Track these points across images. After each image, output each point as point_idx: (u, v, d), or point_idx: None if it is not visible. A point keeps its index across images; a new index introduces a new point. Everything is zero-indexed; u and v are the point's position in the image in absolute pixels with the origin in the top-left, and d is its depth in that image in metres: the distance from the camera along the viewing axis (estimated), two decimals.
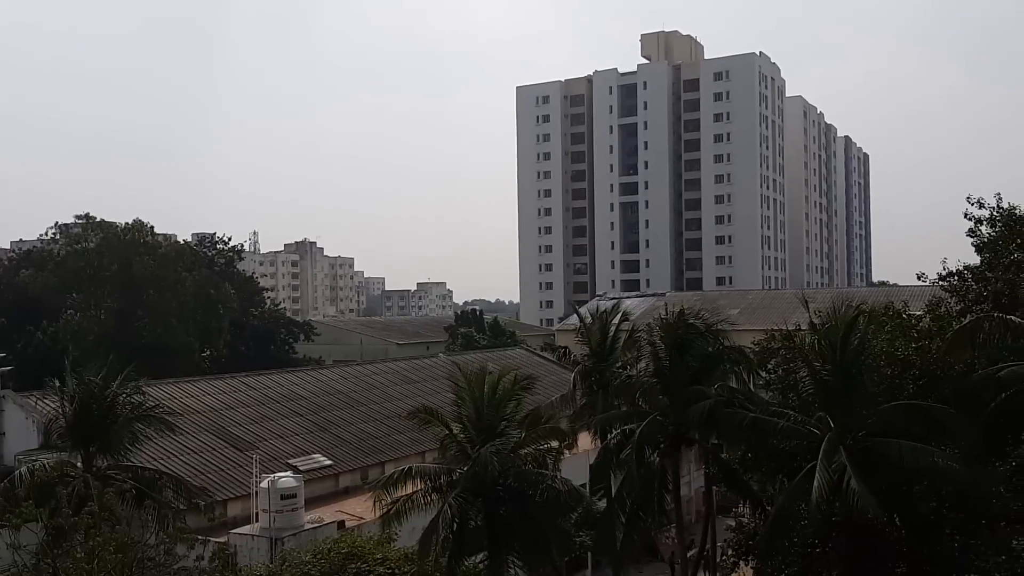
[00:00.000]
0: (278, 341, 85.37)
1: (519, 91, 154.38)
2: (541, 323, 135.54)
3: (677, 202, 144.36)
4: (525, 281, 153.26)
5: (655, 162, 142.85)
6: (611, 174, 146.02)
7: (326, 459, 35.62)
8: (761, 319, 64.77)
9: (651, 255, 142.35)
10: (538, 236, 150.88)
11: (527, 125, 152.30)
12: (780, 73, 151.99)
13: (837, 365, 22.47)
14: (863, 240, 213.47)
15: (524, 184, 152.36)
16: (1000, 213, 29.73)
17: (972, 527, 24.28)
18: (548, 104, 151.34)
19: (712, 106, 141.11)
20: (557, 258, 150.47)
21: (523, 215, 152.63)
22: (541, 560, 23.38)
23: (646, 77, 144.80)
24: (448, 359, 53.43)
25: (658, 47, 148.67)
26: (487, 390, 22.94)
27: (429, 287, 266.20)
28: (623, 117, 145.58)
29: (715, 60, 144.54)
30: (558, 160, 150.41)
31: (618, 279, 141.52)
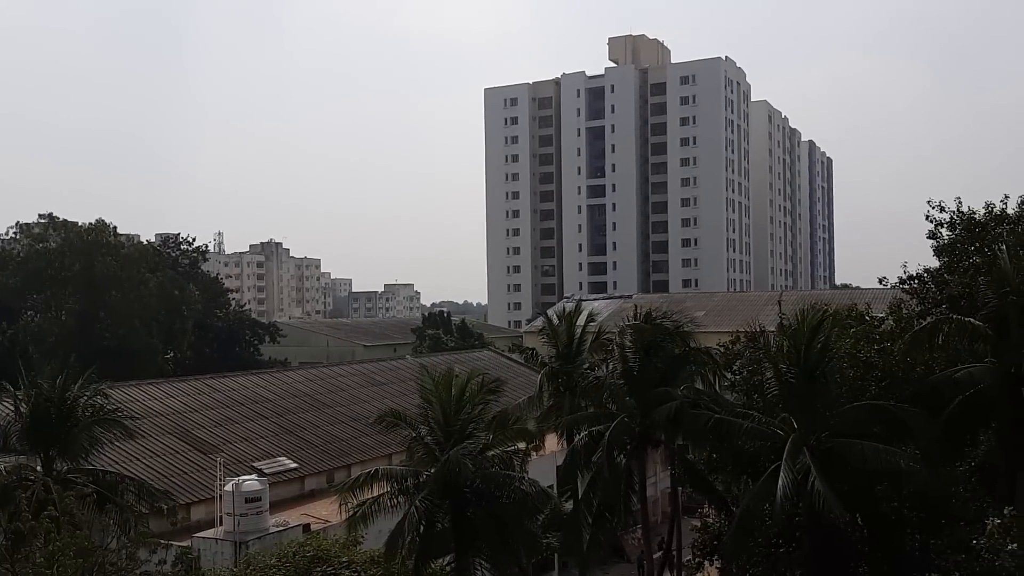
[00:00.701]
0: (243, 343, 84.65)
1: (487, 93, 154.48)
2: (509, 325, 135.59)
3: (644, 205, 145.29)
4: (493, 283, 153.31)
5: (622, 165, 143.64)
6: (579, 177, 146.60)
7: (291, 462, 35.35)
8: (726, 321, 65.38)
9: (618, 257, 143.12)
10: (506, 238, 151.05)
11: (495, 127, 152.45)
12: (746, 78, 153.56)
13: (802, 367, 22.76)
14: (826, 243, 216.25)
15: (492, 186, 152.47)
16: (960, 217, 30.28)
17: (932, 526, 24.71)
18: (516, 106, 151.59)
19: (679, 110, 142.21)
20: (525, 260, 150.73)
21: (491, 217, 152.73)
22: (508, 562, 23.41)
23: (613, 80, 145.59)
24: (415, 361, 53.26)
25: (625, 51, 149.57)
26: (454, 392, 22.91)
27: (396, 289, 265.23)
28: (591, 120, 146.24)
29: (682, 64, 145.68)
30: (526, 162, 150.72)
31: (586, 281, 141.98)
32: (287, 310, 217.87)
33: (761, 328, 34.63)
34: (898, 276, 31.54)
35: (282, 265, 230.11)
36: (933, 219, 30.67)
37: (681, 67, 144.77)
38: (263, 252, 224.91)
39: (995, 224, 29.56)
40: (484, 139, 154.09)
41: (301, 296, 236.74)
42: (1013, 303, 22.31)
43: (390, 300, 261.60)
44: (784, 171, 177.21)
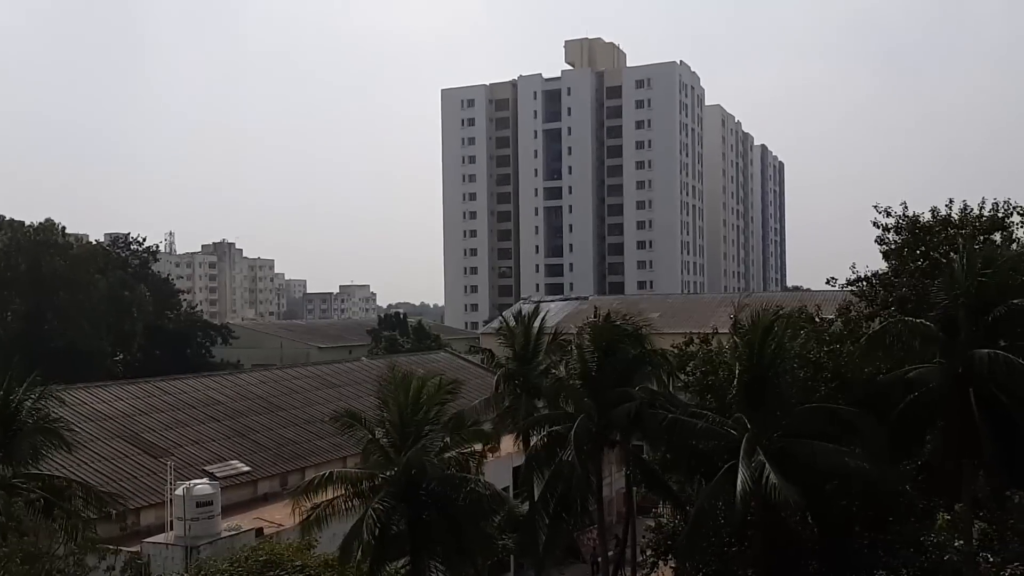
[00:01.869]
0: (195, 345, 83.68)
1: (444, 94, 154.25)
2: (466, 326, 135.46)
3: (600, 207, 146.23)
4: (450, 284, 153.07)
5: (579, 167, 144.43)
6: (535, 178, 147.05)
7: (244, 465, 34.95)
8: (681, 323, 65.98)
9: (575, 259, 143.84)
10: (463, 239, 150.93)
11: (452, 128, 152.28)
12: (700, 82, 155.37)
13: (755, 368, 23.09)
14: (778, 246, 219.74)
15: (449, 187, 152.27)
16: (905, 221, 30.93)
17: (881, 523, 25.24)
18: (473, 107, 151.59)
19: (634, 113, 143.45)
20: (482, 261, 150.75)
21: (448, 218, 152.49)
22: (464, 564, 23.38)
23: (570, 83, 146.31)
24: (371, 363, 52.97)
25: (582, 54, 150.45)
26: (411, 394, 22.83)
27: (352, 290, 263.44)
28: (547, 122, 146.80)
29: (637, 68, 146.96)
30: (483, 163, 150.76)
31: (542, 283, 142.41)
32: (240, 311, 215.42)
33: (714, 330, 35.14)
34: (846, 277, 32.13)
35: (235, 266, 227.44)
36: (880, 224, 31.29)
37: (636, 71, 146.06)
38: (215, 252, 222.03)
39: (940, 228, 30.26)
40: (441, 140, 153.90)
41: (254, 297, 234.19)
42: (962, 305, 22.87)
43: (345, 301, 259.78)
44: (737, 175, 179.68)
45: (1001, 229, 30.00)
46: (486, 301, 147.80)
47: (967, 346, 22.31)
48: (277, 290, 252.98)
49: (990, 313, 22.37)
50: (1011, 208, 30.20)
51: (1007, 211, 30.24)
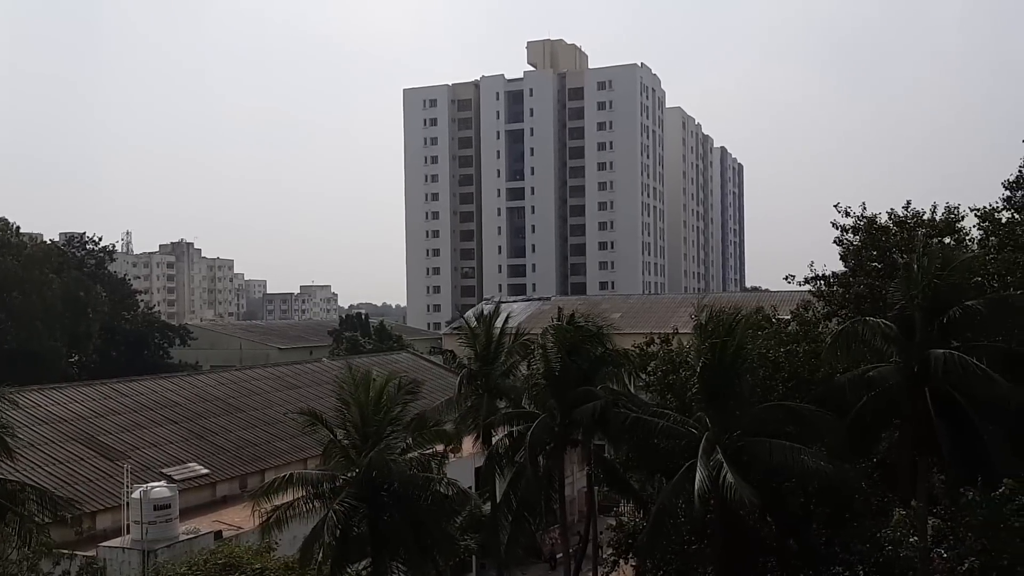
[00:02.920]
0: (152, 346, 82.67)
1: (406, 93, 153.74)
2: (428, 327, 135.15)
3: (562, 208, 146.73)
4: (412, 285, 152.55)
5: (541, 168, 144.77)
6: (498, 179, 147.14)
7: (203, 468, 34.55)
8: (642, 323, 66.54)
9: (537, 260, 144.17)
10: (425, 239, 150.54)
11: (414, 128, 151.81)
12: (660, 84, 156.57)
13: (715, 367, 23.33)
14: (737, 247, 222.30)
15: (411, 187, 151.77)
16: (863, 222, 31.45)
17: (837, 520, 25.64)
18: (435, 107, 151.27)
19: (596, 115, 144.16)
20: (445, 262, 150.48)
21: (410, 218, 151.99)
22: (425, 565, 23.33)
23: (532, 84, 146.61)
24: (332, 364, 52.61)
25: (544, 55, 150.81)
26: (372, 394, 22.73)
27: (313, 290, 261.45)
28: (510, 123, 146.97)
29: (599, 70, 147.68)
30: (445, 164, 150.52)
31: (505, 283, 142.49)
32: (198, 312, 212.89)
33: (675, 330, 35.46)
34: (804, 276, 32.59)
35: (193, 266, 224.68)
36: (839, 225, 31.77)
37: (598, 72, 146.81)
38: (173, 252, 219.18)
39: (897, 230, 30.83)
40: (403, 140, 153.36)
41: (213, 298, 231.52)
42: (918, 306, 23.30)
43: (306, 302, 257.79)
44: (697, 176, 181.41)
45: (953, 232, 30.67)
46: (449, 301, 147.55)
47: (923, 346, 22.74)
48: (236, 290, 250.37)
49: (945, 314, 22.82)
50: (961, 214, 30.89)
51: (958, 215, 30.92)
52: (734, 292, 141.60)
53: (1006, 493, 21.41)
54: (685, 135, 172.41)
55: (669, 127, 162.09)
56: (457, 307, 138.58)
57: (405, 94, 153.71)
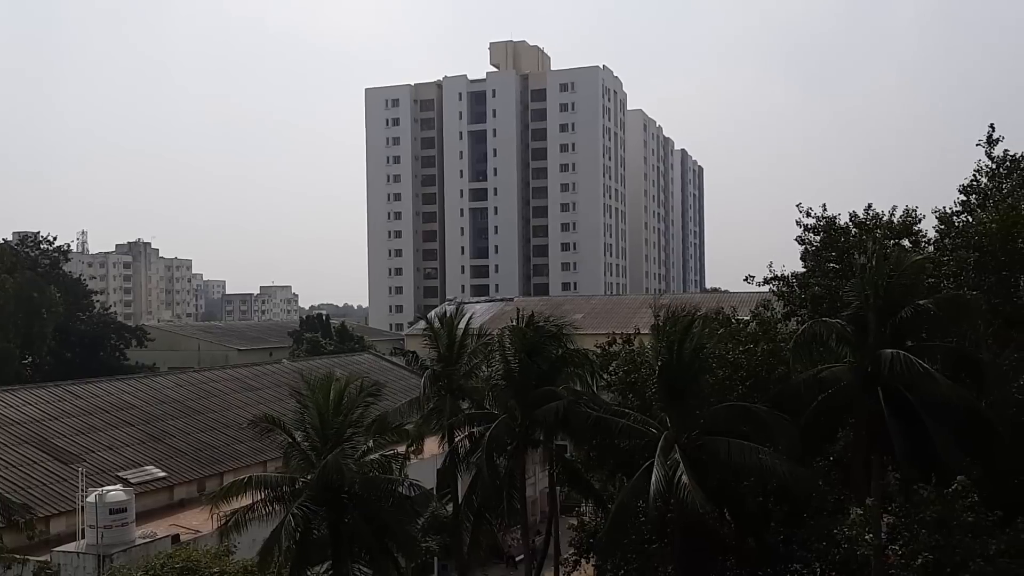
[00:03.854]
0: (108, 347, 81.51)
1: (368, 93, 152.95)
2: (391, 328, 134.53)
3: (525, 209, 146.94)
4: (374, 285, 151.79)
5: (504, 169, 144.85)
6: (461, 180, 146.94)
7: (160, 471, 34.10)
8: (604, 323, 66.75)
9: (500, 260, 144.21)
10: (388, 240, 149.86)
11: (376, 128, 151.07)
12: (622, 87, 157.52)
13: (674, 367, 23.52)
14: (697, 248, 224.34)
15: (373, 187, 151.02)
16: (824, 222, 31.86)
17: (795, 519, 25.96)
18: (398, 107, 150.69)
19: (558, 116, 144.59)
20: (407, 262, 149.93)
21: (372, 218, 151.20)
22: (387, 566, 23.25)
23: (495, 85, 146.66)
24: (292, 365, 52.18)
25: (506, 56, 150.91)
26: (332, 396, 22.60)
27: (273, 291, 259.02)
28: (472, 123, 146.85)
29: (561, 71, 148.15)
30: (408, 164, 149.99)
31: (468, 284, 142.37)
32: (156, 313, 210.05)
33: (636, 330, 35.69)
34: (764, 276, 32.96)
35: (151, 266, 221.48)
36: (802, 224, 32.16)
37: (560, 74, 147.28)
38: (130, 252, 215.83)
39: (857, 231, 31.28)
40: (365, 140, 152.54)
41: (171, 298, 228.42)
42: (872, 306, 23.66)
43: (266, 303, 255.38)
44: (658, 178, 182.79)
45: (911, 234, 31.20)
46: (411, 302, 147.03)
47: (876, 346, 23.11)
48: (195, 291, 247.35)
49: (898, 314, 23.22)
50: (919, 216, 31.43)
51: (916, 218, 31.45)
52: (694, 293, 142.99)
53: (958, 490, 21.83)
54: (646, 137, 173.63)
55: (631, 129, 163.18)
56: (420, 308, 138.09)
57: (367, 94, 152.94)
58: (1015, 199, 27.89)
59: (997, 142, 29.88)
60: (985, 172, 29.97)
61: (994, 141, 29.92)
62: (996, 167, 29.72)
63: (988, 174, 29.87)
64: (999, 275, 27.88)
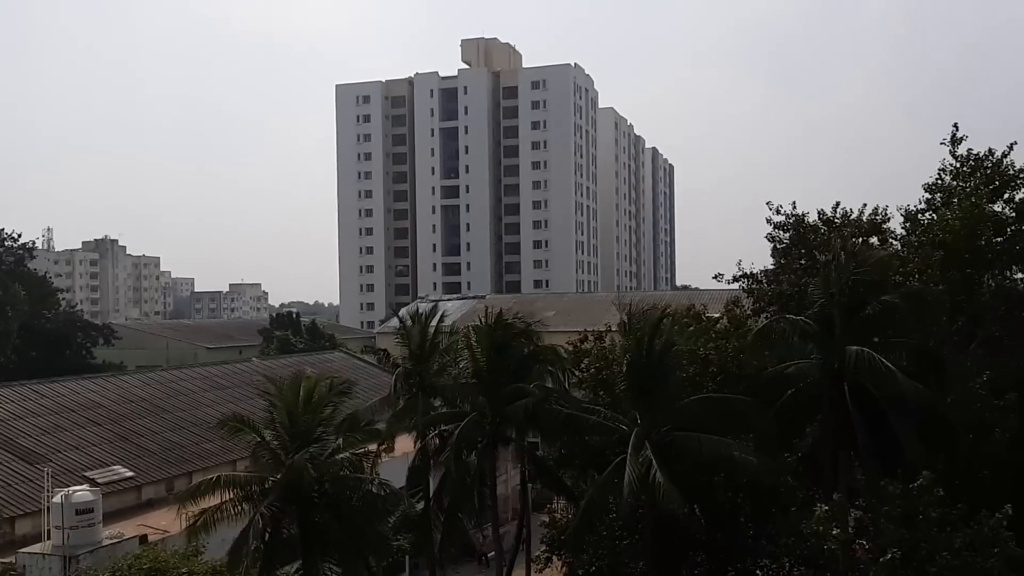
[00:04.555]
0: (74, 346, 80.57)
1: (339, 89, 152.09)
2: (362, 326, 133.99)
3: (497, 206, 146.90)
4: (345, 283, 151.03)
5: (476, 167, 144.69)
6: (433, 177, 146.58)
7: (127, 471, 33.70)
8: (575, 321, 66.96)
9: (472, 258, 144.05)
10: (359, 237, 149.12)
11: (347, 125, 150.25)
12: (594, 85, 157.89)
13: (644, 363, 23.64)
14: (668, 246, 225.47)
15: (344, 184, 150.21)
16: (793, 220, 32.18)
17: (764, 514, 26.21)
18: (369, 104, 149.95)
19: (530, 114, 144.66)
20: (378, 260, 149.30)
21: (343, 216, 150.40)
22: (358, 565, 23.16)
23: (466, 82, 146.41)
24: (262, 364, 51.79)
25: (478, 53, 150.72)
26: (302, 395, 22.45)
27: (243, 288, 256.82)
28: (444, 121, 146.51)
29: (533, 69, 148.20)
30: (379, 161, 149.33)
31: (440, 281, 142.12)
32: (123, 311, 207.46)
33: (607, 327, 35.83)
34: (733, 274, 33.26)
35: (118, 263, 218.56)
36: (773, 222, 32.46)
37: (532, 72, 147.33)
38: (97, 250, 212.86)
39: (825, 228, 31.64)
40: (336, 137, 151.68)
41: (139, 296, 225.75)
42: (838, 303, 23.93)
43: (236, 300, 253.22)
44: (629, 176, 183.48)
45: (879, 232, 31.61)
46: (382, 300, 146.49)
47: (842, 342, 23.39)
48: (163, 289, 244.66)
49: (864, 310, 23.51)
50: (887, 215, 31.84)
51: (885, 216, 31.86)
52: (665, 291, 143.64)
53: (923, 485, 22.14)
54: (618, 136, 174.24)
55: (602, 128, 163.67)
56: (391, 306, 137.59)
57: (338, 90, 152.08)
58: (978, 197, 28.32)
59: (960, 141, 30.35)
60: (949, 171, 30.44)
61: (957, 140, 30.39)
62: (960, 166, 30.19)
63: (952, 173, 30.34)
64: (963, 272, 28.35)
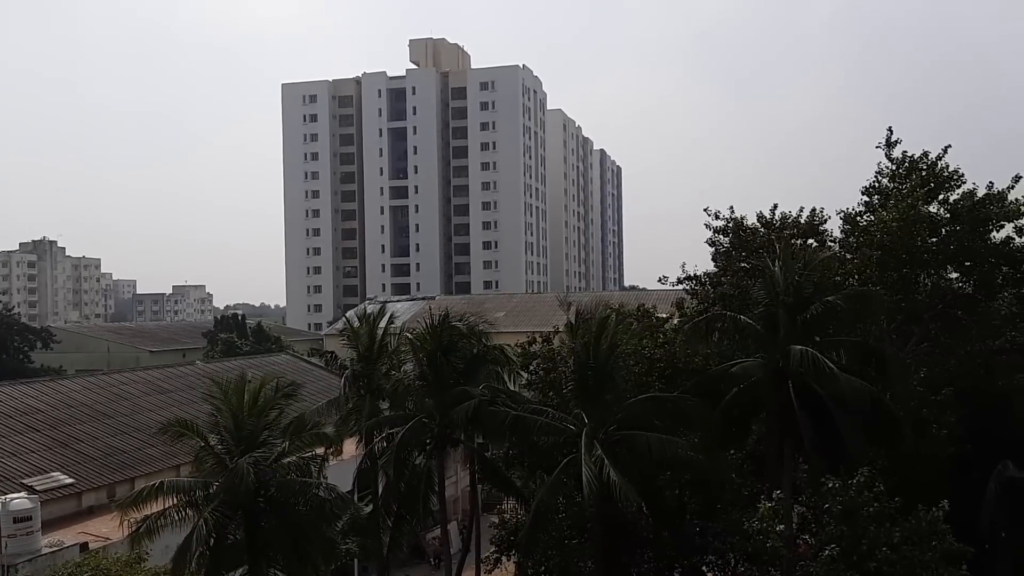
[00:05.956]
0: (11, 349, 78.81)
1: (285, 88, 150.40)
2: (309, 327, 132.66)
3: (446, 207, 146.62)
4: (292, 284, 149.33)
5: (424, 167, 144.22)
6: (381, 177, 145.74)
7: (67, 477, 32.90)
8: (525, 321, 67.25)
9: (421, 259, 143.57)
10: (306, 238, 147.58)
11: (293, 124, 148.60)
12: (542, 86, 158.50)
13: (591, 363, 23.81)
14: (616, 247, 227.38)
15: (290, 184, 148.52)
16: (732, 223, 32.69)
17: (710, 511, 26.58)
18: (315, 103, 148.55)
19: (479, 115, 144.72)
20: (326, 261, 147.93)
21: (290, 216, 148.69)
22: (305, 570, 22.93)
23: (415, 82, 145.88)
24: (206, 367, 50.97)
25: (426, 53, 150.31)
26: (247, 398, 22.15)
27: (187, 290, 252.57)
28: (392, 121, 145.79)
29: (481, 70, 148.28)
30: (326, 161, 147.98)
31: (389, 282, 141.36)
32: (63, 314, 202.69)
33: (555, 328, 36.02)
34: (677, 276, 33.70)
35: (57, 265, 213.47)
36: (711, 227, 32.93)
37: (481, 73, 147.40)
38: (35, 251, 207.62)
39: (764, 231, 32.20)
40: (282, 136, 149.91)
41: (79, 299, 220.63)
42: (782, 303, 24.36)
43: (179, 303, 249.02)
44: (578, 178, 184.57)
45: (817, 234, 32.27)
46: (330, 301, 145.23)
47: (786, 342, 23.81)
48: (104, 291, 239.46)
49: (807, 310, 23.97)
50: (824, 217, 32.55)
51: (822, 218, 32.56)
52: (613, 291, 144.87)
53: (863, 481, 22.64)
54: (566, 137, 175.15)
55: (551, 129, 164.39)
56: (339, 307, 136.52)
57: (284, 89, 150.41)
58: (914, 199, 29.07)
59: (896, 144, 31.12)
60: (886, 173, 31.18)
61: (893, 143, 31.15)
62: (896, 168, 30.95)
63: (888, 175, 31.08)
64: (901, 272, 29.08)
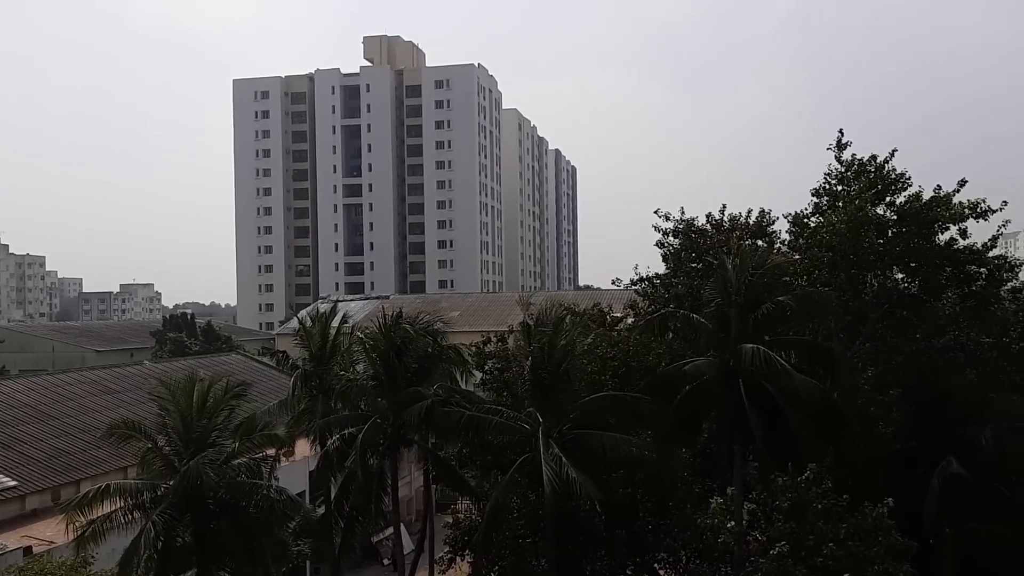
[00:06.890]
0: None
1: (236, 84, 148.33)
2: (261, 327, 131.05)
3: (401, 206, 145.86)
4: (243, 283, 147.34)
5: (379, 165, 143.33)
6: (334, 175, 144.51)
7: (9, 479, 32.10)
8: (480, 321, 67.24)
9: (376, 258, 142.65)
10: (257, 236, 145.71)
11: (245, 120, 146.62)
12: (497, 86, 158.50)
13: (545, 363, 23.88)
14: (571, 247, 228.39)
15: (241, 181, 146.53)
16: (683, 225, 32.97)
17: (662, 509, 26.81)
18: (268, 100, 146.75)
19: (434, 113, 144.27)
20: (278, 259, 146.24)
21: (241, 214, 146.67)
22: (255, 572, 22.66)
23: (369, 80, 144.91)
24: (154, 367, 50.08)
25: (381, 51, 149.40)
26: (196, 399, 21.80)
27: (134, 289, 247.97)
28: (346, 118, 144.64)
29: (436, 68, 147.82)
30: (279, 158, 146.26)
31: (343, 281, 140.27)
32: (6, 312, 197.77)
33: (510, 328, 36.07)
34: (630, 278, 33.90)
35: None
36: (660, 228, 33.18)
37: (436, 71, 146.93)
38: None
39: (714, 232, 32.55)
40: (233, 133, 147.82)
41: (22, 297, 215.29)
42: (734, 303, 24.66)
43: (127, 301, 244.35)
44: (533, 177, 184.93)
45: (765, 235, 32.71)
46: (282, 301, 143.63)
47: (737, 340, 24.12)
48: (49, 289, 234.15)
49: (758, 310, 24.30)
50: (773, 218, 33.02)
51: (770, 219, 33.03)
52: (568, 290, 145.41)
53: (811, 477, 23.00)
54: (521, 136, 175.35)
55: (506, 128, 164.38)
56: (291, 306, 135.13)
57: (235, 85, 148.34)
58: (862, 201, 29.59)
59: (846, 147, 31.65)
60: (835, 175, 31.69)
61: (843, 145, 31.68)
62: (845, 170, 31.47)
63: (838, 177, 31.60)
64: (849, 273, 29.60)
